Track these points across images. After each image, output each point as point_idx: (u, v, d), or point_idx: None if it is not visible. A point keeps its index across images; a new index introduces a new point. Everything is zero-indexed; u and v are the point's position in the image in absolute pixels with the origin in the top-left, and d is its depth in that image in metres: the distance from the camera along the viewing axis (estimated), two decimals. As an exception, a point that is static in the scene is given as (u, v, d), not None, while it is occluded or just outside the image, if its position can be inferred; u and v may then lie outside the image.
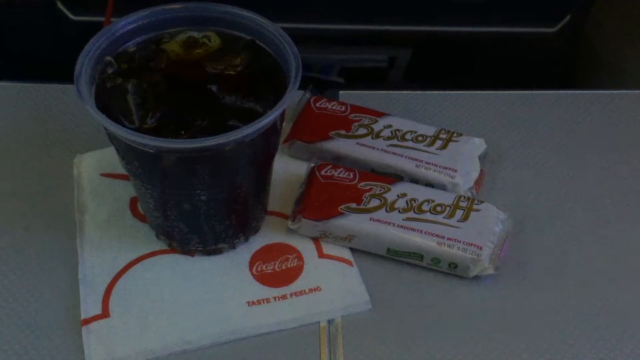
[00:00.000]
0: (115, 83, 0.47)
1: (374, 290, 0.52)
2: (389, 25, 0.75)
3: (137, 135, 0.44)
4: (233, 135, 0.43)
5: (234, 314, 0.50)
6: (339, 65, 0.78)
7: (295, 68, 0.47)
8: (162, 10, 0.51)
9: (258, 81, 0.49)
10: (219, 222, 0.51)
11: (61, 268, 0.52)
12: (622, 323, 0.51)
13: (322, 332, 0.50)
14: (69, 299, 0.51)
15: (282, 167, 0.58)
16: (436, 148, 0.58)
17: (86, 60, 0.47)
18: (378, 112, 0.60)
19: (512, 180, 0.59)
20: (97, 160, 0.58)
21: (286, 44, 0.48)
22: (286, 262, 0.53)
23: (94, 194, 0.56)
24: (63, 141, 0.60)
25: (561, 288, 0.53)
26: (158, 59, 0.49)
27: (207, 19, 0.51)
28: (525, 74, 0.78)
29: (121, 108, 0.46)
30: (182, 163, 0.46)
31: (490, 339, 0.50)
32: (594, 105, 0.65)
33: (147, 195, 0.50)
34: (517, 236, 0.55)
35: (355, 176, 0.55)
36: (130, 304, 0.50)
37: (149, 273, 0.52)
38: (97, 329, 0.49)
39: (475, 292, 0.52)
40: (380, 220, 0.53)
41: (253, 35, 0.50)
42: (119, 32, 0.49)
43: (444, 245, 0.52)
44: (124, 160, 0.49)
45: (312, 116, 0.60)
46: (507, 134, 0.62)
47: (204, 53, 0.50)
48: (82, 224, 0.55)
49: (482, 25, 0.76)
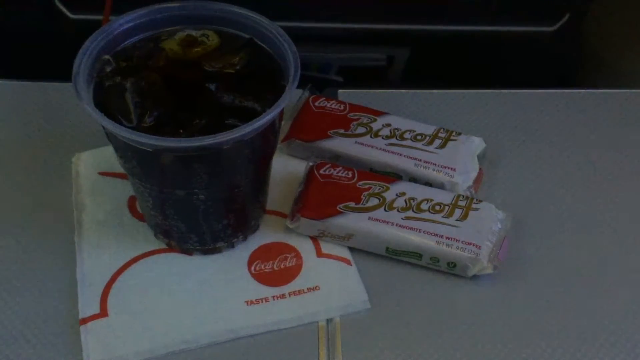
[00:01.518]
0: (113, 82, 0.47)
1: (372, 289, 0.52)
2: (388, 24, 0.75)
3: (136, 134, 0.44)
4: (231, 134, 0.43)
5: (233, 313, 0.50)
6: (337, 64, 0.78)
7: (294, 67, 0.47)
8: (161, 9, 0.50)
9: (257, 80, 0.48)
10: (217, 221, 0.51)
11: (59, 267, 0.52)
12: (622, 322, 0.51)
13: (321, 332, 0.50)
14: (67, 298, 0.51)
15: (281, 166, 0.57)
16: (435, 147, 0.58)
17: (84, 58, 0.47)
18: (377, 111, 0.60)
19: (510, 179, 0.59)
20: (95, 159, 0.58)
21: (285, 43, 0.48)
22: (285, 261, 0.53)
23: (92, 192, 0.56)
24: (61, 140, 0.60)
25: (560, 287, 0.53)
26: (156, 58, 0.49)
27: (206, 17, 0.51)
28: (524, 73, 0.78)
29: (119, 107, 0.46)
30: (181, 162, 0.46)
31: (489, 338, 0.50)
32: (592, 104, 0.65)
33: (146, 194, 0.50)
34: (516, 235, 0.55)
35: (354, 175, 0.55)
36: (128, 303, 0.50)
37: (148, 272, 0.52)
38: (95, 328, 0.49)
39: (474, 291, 0.52)
40: (379, 219, 0.52)
41: (252, 34, 0.50)
42: (117, 31, 0.49)
43: (443, 244, 0.52)
44: (122, 159, 0.48)
45: (310, 115, 0.60)
46: (506, 133, 0.62)
47: (202, 52, 0.50)
48: (80, 223, 0.54)
49: (480, 24, 0.76)
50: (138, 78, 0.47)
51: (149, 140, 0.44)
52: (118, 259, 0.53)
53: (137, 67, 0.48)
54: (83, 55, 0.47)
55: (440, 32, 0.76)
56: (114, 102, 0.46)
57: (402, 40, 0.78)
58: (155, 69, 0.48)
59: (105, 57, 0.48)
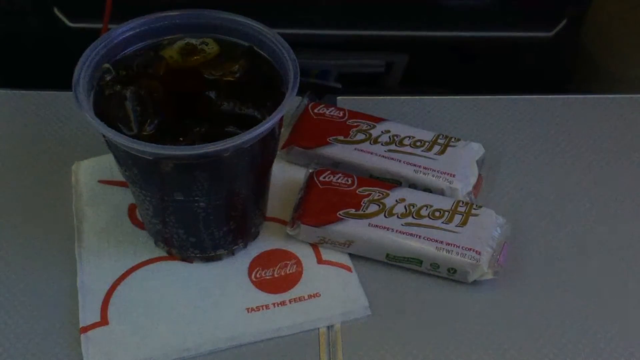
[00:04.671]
0: (113, 90, 0.47)
1: (373, 295, 0.52)
2: (386, 31, 0.76)
3: (136, 142, 0.44)
4: (232, 142, 0.43)
5: (233, 321, 0.50)
6: (336, 71, 0.78)
7: (293, 74, 0.47)
8: (160, 18, 0.51)
9: (256, 87, 0.49)
10: (217, 229, 0.51)
11: (59, 275, 0.52)
12: (622, 328, 0.51)
13: (322, 338, 0.50)
14: (68, 307, 0.51)
15: (281, 173, 0.58)
16: (434, 153, 0.58)
17: (84, 67, 0.47)
18: (376, 118, 0.60)
19: (510, 185, 0.59)
20: (95, 167, 0.58)
21: (284, 50, 0.48)
22: (285, 268, 0.53)
23: (92, 201, 0.56)
24: (61, 148, 0.60)
25: (560, 292, 0.53)
26: (156, 66, 0.49)
27: (205, 26, 0.51)
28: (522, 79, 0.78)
29: (119, 115, 0.46)
30: (181, 170, 0.46)
31: (490, 344, 0.50)
32: (590, 109, 0.65)
33: (146, 202, 0.50)
34: (516, 241, 0.55)
35: (353, 182, 0.55)
36: (129, 311, 0.50)
37: (148, 280, 0.52)
38: (96, 337, 0.49)
39: (475, 297, 0.52)
40: (379, 225, 0.53)
41: (251, 41, 0.51)
42: (117, 39, 0.49)
43: (443, 250, 0.52)
44: (123, 167, 0.48)
45: (310, 122, 0.60)
46: (505, 138, 0.63)
47: (202, 60, 0.50)
48: (80, 232, 0.54)
49: (478, 30, 0.76)
50: (138, 86, 0.47)
51: (150, 149, 0.44)
52: (118, 267, 0.53)
53: (137, 75, 0.48)
54: (83, 63, 0.47)
55: (439, 38, 0.76)
56: (114, 111, 0.46)
57: (400, 46, 0.78)
58: (155, 77, 0.48)
59: (106, 65, 0.48)
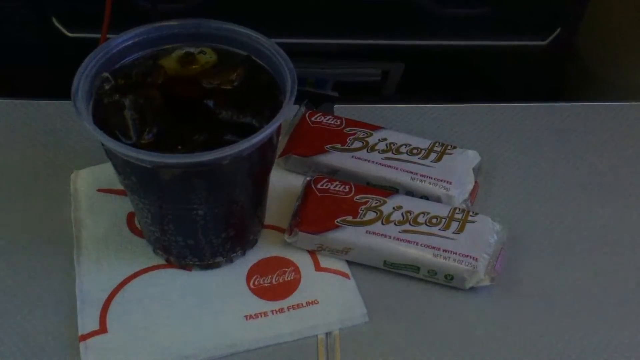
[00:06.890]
0: (112, 99, 0.47)
1: (371, 302, 0.52)
2: (382, 40, 0.76)
3: (135, 150, 0.44)
4: (230, 150, 0.44)
5: (232, 328, 0.50)
6: (333, 80, 0.79)
7: (290, 83, 0.47)
8: (159, 27, 0.51)
9: (254, 96, 0.49)
10: (216, 236, 0.51)
11: (58, 284, 0.52)
12: (618, 334, 0.51)
13: (320, 345, 0.50)
14: (67, 315, 0.51)
15: (279, 181, 0.58)
16: (431, 160, 0.58)
17: (83, 76, 0.47)
18: (373, 126, 0.61)
19: (506, 192, 0.60)
20: (93, 175, 0.58)
21: (281, 59, 0.49)
22: (283, 276, 0.53)
23: (91, 209, 0.56)
24: (60, 157, 0.60)
25: (556, 299, 0.53)
26: (155, 75, 0.49)
27: (204, 35, 0.51)
28: (516, 87, 0.79)
29: (118, 124, 0.46)
30: (180, 178, 0.46)
31: (487, 350, 0.50)
32: (585, 117, 0.66)
33: (145, 210, 0.50)
34: (512, 247, 0.55)
35: (351, 189, 0.55)
36: (128, 319, 0.50)
37: (147, 288, 0.52)
38: (95, 345, 0.49)
39: (472, 303, 0.52)
40: (377, 232, 0.53)
41: (249, 51, 0.51)
42: (116, 49, 0.50)
43: (440, 257, 0.52)
44: (121, 176, 0.49)
45: (307, 130, 0.60)
46: (501, 145, 0.63)
47: (200, 69, 0.50)
48: (79, 240, 0.55)
49: (473, 39, 0.77)
50: (137, 95, 0.47)
51: (148, 157, 0.44)
52: (117, 275, 0.53)
53: (136, 84, 0.49)
54: (82, 73, 0.48)
55: (434, 47, 0.77)
56: (113, 119, 0.47)
57: (396, 55, 0.78)
58: (154, 86, 0.49)
59: (104, 74, 0.49)
